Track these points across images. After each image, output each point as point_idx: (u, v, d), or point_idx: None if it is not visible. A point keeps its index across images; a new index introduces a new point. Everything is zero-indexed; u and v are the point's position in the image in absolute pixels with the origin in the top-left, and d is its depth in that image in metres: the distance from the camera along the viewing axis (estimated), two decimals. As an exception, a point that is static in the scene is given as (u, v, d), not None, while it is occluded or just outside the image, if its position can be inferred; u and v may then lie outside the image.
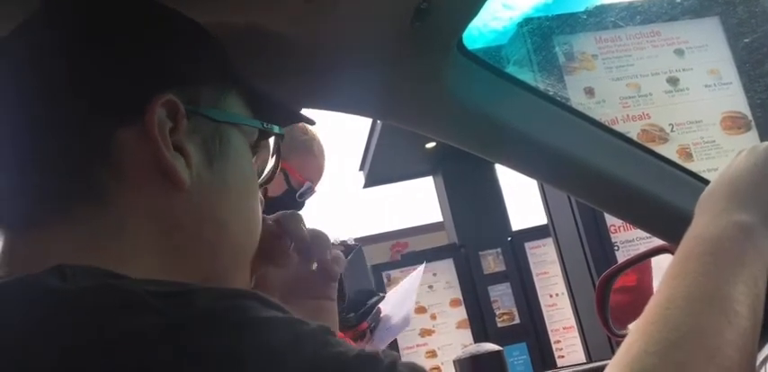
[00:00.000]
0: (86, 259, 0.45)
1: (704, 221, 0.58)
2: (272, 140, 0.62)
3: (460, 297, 5.32)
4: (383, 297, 1.81)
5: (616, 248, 2.85)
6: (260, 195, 0.59)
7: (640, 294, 0.99)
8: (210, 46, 0.57)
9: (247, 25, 0.63)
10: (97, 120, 0.49)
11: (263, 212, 0.61)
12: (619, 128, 2.74)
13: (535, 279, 5.36)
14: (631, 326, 0.97)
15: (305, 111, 0.83)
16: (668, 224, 0.85)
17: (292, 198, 1.72)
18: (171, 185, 0.50)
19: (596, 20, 2.98)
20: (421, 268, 1.91)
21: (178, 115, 0.51)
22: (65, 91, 0.50)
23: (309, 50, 0.69)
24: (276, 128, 0.60)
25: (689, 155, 2.90)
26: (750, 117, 2.98)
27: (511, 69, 2.93)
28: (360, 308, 1.71)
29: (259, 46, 0.66)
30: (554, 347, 5.28)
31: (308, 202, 1.83)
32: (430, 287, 5.30)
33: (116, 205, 0.49)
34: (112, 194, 0.49)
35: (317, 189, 1.80)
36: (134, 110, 0.50)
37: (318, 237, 0.68)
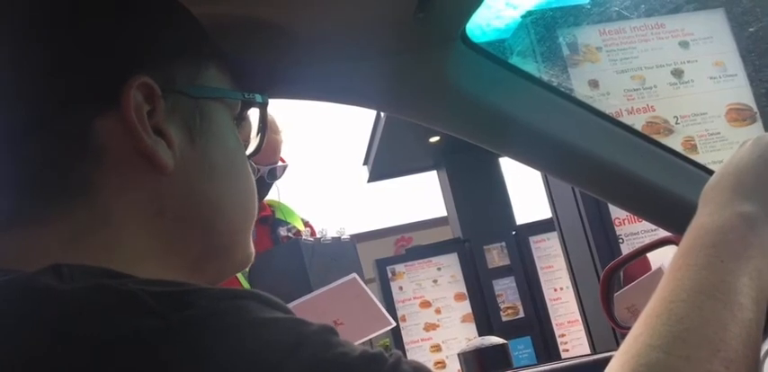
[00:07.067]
0: (75, 252, 0.45)
1: (708, 212, 0.58)
2: (255, 110, 0.60)
3: (465, 291, 5.32)
4: None
5: (621, 241, 2.84)
6: (253, 165, 0.58)
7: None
8: (182, 19, 0.54)
9: (248, 16, 0.63)
10: (73, 111, 0.48)
11: None
12: (623, 120, 2.72)
13: (540, 272, 5.35)
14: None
15: (309, 104, 0.83)
16: (673, 215, 0.84)
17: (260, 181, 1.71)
18: (154, 169, 0.49)
19: (600, 11, 2.96)
20: (350, 277, 1.61)
21: (154, 96, 0.49)
22: (35, 83, 0.47)
23: (312, 41, 0.69)
24: (259, 98, 0.58)
25: (694, 148, 2.89)
26: (755, 109, 2.97)
27: (514, 61, 2.92)
28: None
29: (260, 37, 0.66)
30: (559, 340, 5.28)
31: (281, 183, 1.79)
32: (434, 281, 5.30)
33: (100, 195, 0.48)
34: (96, 185, 0.48)
35: (282, 164, 1.76)
36: (109, 97, 0.48)
37: None
